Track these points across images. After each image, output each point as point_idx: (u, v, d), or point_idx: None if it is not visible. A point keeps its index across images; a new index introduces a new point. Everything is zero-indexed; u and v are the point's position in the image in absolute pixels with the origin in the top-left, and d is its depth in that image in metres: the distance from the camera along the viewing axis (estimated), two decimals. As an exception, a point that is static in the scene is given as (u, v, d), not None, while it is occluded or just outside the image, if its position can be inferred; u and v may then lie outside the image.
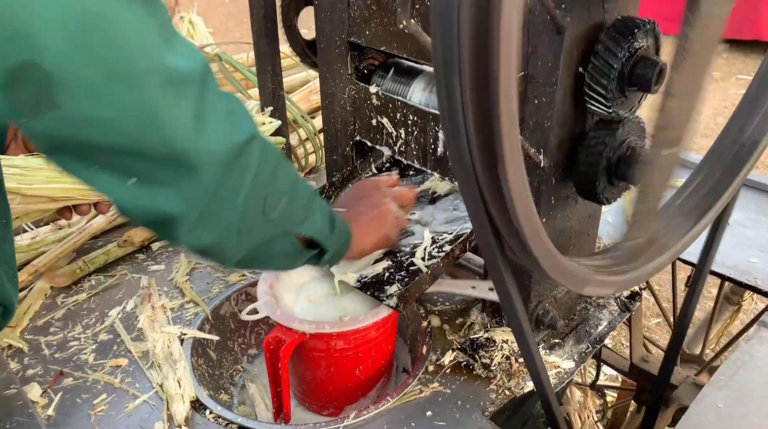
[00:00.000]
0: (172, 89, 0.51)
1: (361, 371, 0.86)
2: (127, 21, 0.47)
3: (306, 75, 1.50)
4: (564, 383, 0.86)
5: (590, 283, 0.61)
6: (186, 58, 0.52)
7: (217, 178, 0.55)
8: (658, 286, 2.57)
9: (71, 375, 0.87)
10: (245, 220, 0.60)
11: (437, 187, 1.02)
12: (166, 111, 0.50)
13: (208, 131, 0.54)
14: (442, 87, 0.45)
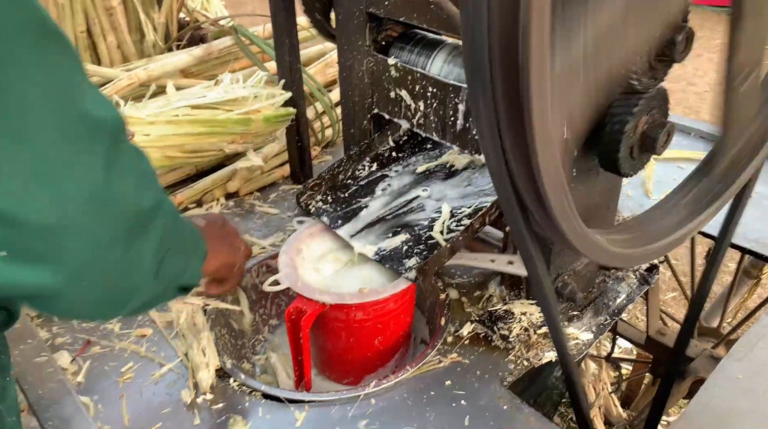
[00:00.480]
0: (79, 140, 0.45)
1: (380, 342, 0.88)
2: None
3: (322, 47, 1.49)
4: (582, 354, 0.87)
5: (610, 254, 0.61)
6: (100, 108, 0.47)
7: (108, 254, 0.50)
8: (675, 259, 2.55)
9: (98, 344, 0.89)
10: (137, 287, 0.56)
11: (455, 161, 1.02)
12: (63, 172, 0.44)
13: (107, 202, 0.48)
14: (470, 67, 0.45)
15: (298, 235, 0.93)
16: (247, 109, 1.12)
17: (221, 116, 1.10)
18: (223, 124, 1.10)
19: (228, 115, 1.11)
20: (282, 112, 1.17)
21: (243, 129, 1.12)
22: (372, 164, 1.03)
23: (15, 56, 0.41)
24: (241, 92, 1.14)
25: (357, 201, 0.97)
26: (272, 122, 1.15)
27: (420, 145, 1.06)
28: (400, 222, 0.93)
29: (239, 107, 1.12)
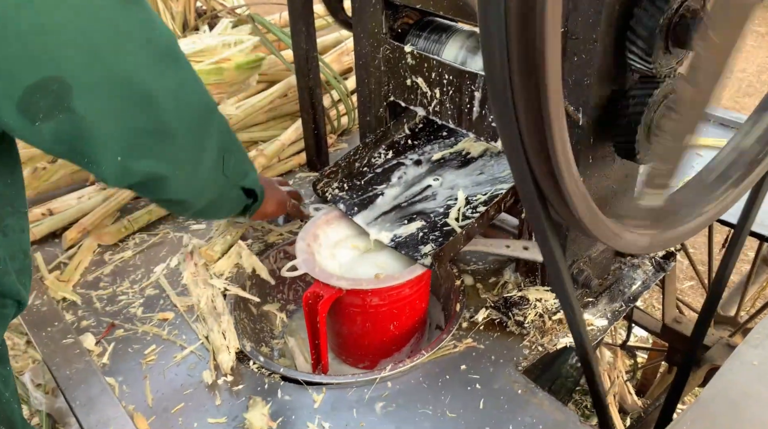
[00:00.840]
0: (161, 67, 0.63)
1: (395, 327, 0.89)
2: (122, 21, 0.59)
3: (338, 35, 1.49)
4: (597, 340, 0.87)
5: (625, 239, 0.61)
6: (163, 33, 0.63)
7: (191, 142, 0.69)
8: (693, 248, 2.53)
9: (122, 327, 0.92)
10: (212, 176, 0.75)
11: (471, 148, 1.02)
12: (156, 92, 0.62)
13: (184, 104, 0.66)
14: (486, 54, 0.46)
15: (315, 222, 0.94)
16: (217, 58, 1.10)
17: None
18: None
19: (199, 66, 1.09)
20: (252, 58, 1.15)
21: (216, 79, 1.12)
22: (388, 152, 1.04)
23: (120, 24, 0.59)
24: (209, 41, 1.13)
25: (373, 188, 0.98)
26: (244, 69, 1.14)
27: (435, 132, 1.06)
28: (415, 209, 0.94)
29: (210, 57, 1.10)
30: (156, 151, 0.66)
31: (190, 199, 0.75)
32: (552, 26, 0.42)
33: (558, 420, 0.74)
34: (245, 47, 1.15)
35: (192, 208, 0.78)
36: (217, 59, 1.11)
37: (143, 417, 0.76)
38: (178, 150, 0.68)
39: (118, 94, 0.60)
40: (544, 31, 0.42)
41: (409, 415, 0.76)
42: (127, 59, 0.59)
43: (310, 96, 1.19)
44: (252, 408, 0.77)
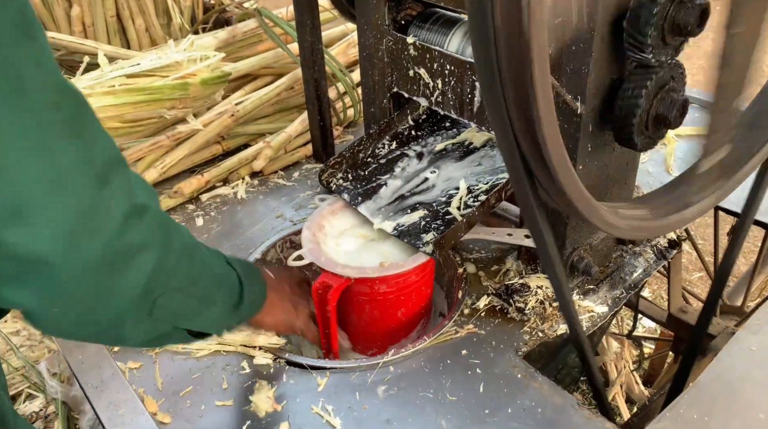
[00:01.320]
0: (59, 179, 0.48)
1: (402, 313, 0.91)
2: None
3: (344, 28, 1.51)
4: (596, 327, 0.88)
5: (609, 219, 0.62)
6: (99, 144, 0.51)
7: (82, 284, 0.51)
8: (702, 240, 2.52)
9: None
10: (123, 322, 0.58)
11: (473, 138, 1.04)
12: (39, 210, 0.47)
13: (81, 239, 0.50)
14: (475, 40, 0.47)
15: (320, 212, 0.96)
16: (183, 74, 1.11)
17: (158, 83, 1.10)
18: (161, 91, 1.10)
19: (164, 81, 1.10)
20: (218, 74, 1.16)
21: (181, 94, 1.12)
22: (391, 142, 1.05)
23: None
24: (175, 57, 1.14)
25: (377, 178, 1.00)
26: (210, 85, 1.14)
27: (439, 123, 1.08)
28: (418, 199, 0.95)
29: (175, 72, 1.11)
30: (28, 282, 0.50)
31: (91, 339, 0.63)
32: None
33: (557, 403, 0.76)
34: (211, 63, 1.16)
35: (125, 344, 0.64)
36: (183, 74, 1.12)
37: (153, 399, 0.79)
38: (60, 290, 0.51)
39: None
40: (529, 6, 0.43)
41: (411, 398, 0.77)
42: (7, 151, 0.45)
43: (315, 88, 1.20)
44: (258, 391, 0.79)
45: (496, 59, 0.47)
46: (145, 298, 0.57)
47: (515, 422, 0.73)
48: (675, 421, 0.71)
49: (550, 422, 0.73)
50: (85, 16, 1.43)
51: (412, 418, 0.75)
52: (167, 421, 0.76)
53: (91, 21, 1.44)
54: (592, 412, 0.74)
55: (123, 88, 1.08)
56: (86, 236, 0.50)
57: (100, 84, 1.08)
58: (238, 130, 1.32)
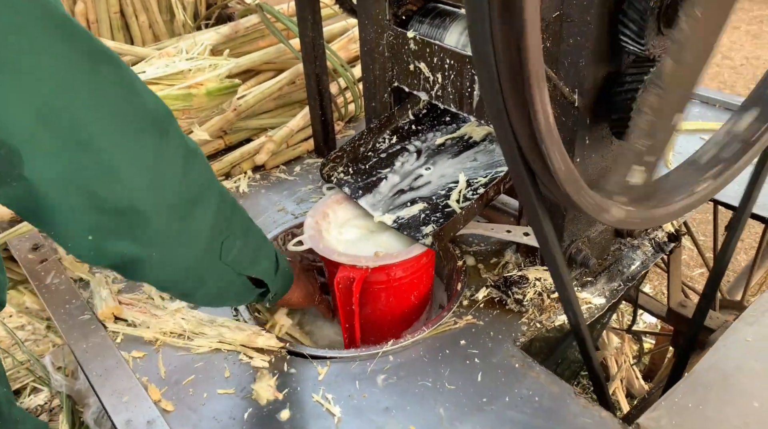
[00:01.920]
0: (134, 137, 0.57)
1: (415, 296, 0.92)
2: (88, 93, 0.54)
3: (345, 24, 1.52)
4: (594, 318, 0.89)
5: (611, 211, 0.63)
6: (148, 101, 0.59)
7: (169, 225, 0.62)
8: (704, 236, 2.53)
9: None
10: (203, 263, 0.68)
11: (473, 132, 1.05)
12: (125, 166, 0.56)
13: (161, 182, 0.59)
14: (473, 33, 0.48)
15: (325, 201, 0.97)
16: (188, 83, 1.07)
17: (161, 93, 1.06)
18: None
19: (168, 90, 1.06)
20: (227, 84, 1.12)
21: (184, 105, 1.08)
22: (392, 137, 1.06)
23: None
24: (182, 65, 1.09)
25: (377, 172, 1.01)
26: (215, 96, 1.10)
27: (439, 117, 1.09)
28: (417, 194, 0.96)
29: (181, 82, 1.07)
30: (129, 232, 0.60)
31: (178, 286, 0.70)
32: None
33: (554, 392, 0.77)
34: (221, 73, 1.11)
35: (188, 296, 0.73)
36: (189, 84, 1.08)
37: (156, 387, 0.80)
38: (154, 233, 0.61)
39: (76, 164, 0.54)
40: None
41: (410, 387, 0.79)
42: (88, 126, 0.54)
43: (317, 83, 1.21)
44: (259, 380, 0.80)
45: (493, 54, 0.48)
46: (215, 239, 0.67)
47: (513, 410, 0.74)
48: (670, 410, 0.72)
49: (547, 410, 0.74)
50: (89, 12, 1.44)
51: (411, 407, 0.76)
52: (170, 409, 0.78)
53: (95, 17, 1.45)
54: (589, 401, 0.75)
55: None
56: (162, 182, 0.60)
57: None
58: (240, 124, 1.33)
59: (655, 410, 0.72)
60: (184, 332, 0.88)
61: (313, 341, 1.01)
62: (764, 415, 0.70)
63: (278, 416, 0.76)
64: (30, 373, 1.80)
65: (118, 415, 0.75)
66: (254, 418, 0.76)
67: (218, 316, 0.91)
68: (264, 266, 0.78)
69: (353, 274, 0.84)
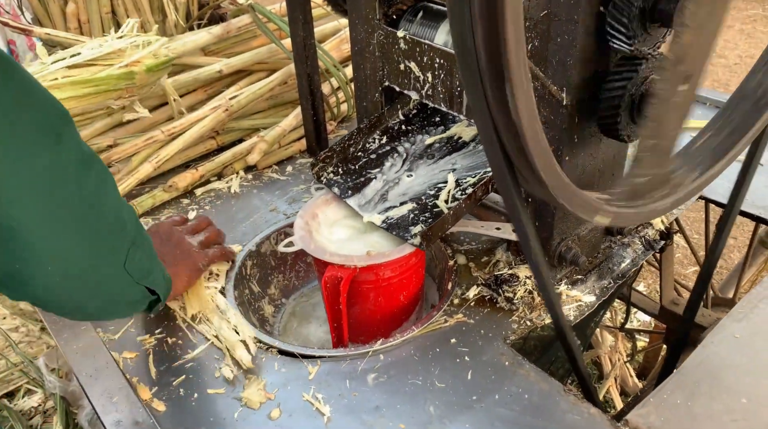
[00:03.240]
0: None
1: (404, 296, 0.92)
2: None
3: (338, 24, 1.52)
4: (584, 315, 0.89)
5: (599, 210, 0.63)
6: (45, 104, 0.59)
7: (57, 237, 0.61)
8: (697, 235, 2.54)
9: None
10: (101, 270, 0.67)
11: (463, 133, 1.05)
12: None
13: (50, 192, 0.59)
14: (453, 22, 0.48)
15: (314, 201, 0.97)
16: (128, 62, 1.06)
17: (102, 74, 1.04)
18: (106, 82, 1.04)
19: (109, 71, 1.04)
20: (163, 60, 1.11)
21: (128, 83, 1.07)
22: (382, 137, 1.06)
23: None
24: (117, 44, 1.08)
25: (367, 172, 1.01)
26: (155, 71, 1.10)
27: (429, 118, 1.09)
28: (407, 194, 0.96)
29: (118, 60, 1.06)
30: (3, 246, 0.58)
31: (73, 296, 0.67)
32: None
33: (543, 389, 0.77)
34: (156, 49, 1.11)
35: (79, 309, 0.70)
36: (128, 62, 1.07)
37: (146, 388, 0.80)
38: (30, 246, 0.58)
39: None
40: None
41: (400, 385, 0.79)
42: None
43: (308, 83, 1.21)
44: (249, 378, 0.80)
45: (474, 50, 0.48)
46: (121, 245, 0.68)
47: (502, 408, 0.75)
48: (658, 406, 0.72)
49: (536, 407, 0.74)
50: (80, 12, 1.44)
51: (401, 405, 0.76)
52: (161, 409, 0.78)
53: (86, 18, 1.45)
54: (579, 398, 0.76)
55: (67, 80, 1.03)
56: (52, 192, 0.58)
57: (43, 78, 1.04)
58: (232, 124, 1.33)
59: (644, 407, 0.72)
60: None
61: (303, 340, 1.01)
62: (752, 411, 0.71)
63: (269, 416, 0.76)
64: (24, 375, 1.80)
65: (108, 416, 0.75)
66: (245, 418, 0.76)
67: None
68: (157, 275, 0.77)
69: (341, 273, 0.84)
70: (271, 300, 1.06)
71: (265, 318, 1.03)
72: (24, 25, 1.35)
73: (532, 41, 0.77)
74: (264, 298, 1.05)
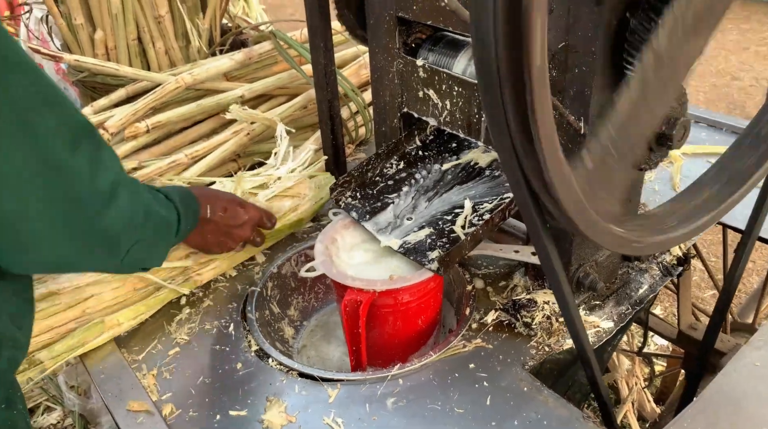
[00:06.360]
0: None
1: (422, 321, 0.93)
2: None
3: (356, 50, 1.55)
4: (602, 341, 0.90)
5: (630, 244, 0.64)
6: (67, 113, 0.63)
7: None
8: (715, 258, 2.51)
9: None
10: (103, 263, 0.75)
11: (479, 159, 1.06)
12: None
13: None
14: (477, 60, 0.50)
15: (333, 226, 0.99)
16: (301, 211, 1.14)
17: (278, 225, 1.09)
18: (279, 232, 1.11)
19: (283, 221, 1.10)
20: (319, 205, 1.18)
21: (289, 231, 1.15)
22: (399, 162, 1.08)
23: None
24: (290, 180, 1.14)
25: (384, 197, 1.03)
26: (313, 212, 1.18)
27: (445, 144, 1.10)
28: (424, 219, 0.97)
29: (290, 194, 1.13)
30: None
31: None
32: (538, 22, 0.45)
33: (562, 416, 0.77)
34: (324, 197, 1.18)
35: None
36: (300, 212, 1.15)
37: (169, 406, 0.82)
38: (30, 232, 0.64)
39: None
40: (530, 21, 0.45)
41: (419, 410, 0.79)
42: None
43: (328, 108, 1.24)
44: (271, 401, 0.82)
45: (498, 84, 0.50)
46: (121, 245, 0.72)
47: (521, 434, 0.75)
48: (679, 435, 0.72)
49: (555, 435, 0.75)
50: (108, 39, 1.48)
51: (421, 430, 0.77)
52: (183, 430, 0.79)
53: (113, 44, 1.49)
54: (597, 425, 0.76)
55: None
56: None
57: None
58: (253, 148, 1.36)
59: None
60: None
61: (321, 361, 1.02)
62: (774, 442, 0.70)
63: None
64: (44, 392, 1.82)
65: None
66: (265, 440, 0.77)
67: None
68: (158, 253, 0.83)
69: (360, 297, 0.86)
70: (290, 321, 1.08)
71: (284, 339, 1.04)
72: (53, 52, 1.39)
73: (550, 72, 0.79)
74: (284, 319, 1.07)
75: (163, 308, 0.99)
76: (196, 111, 1.32)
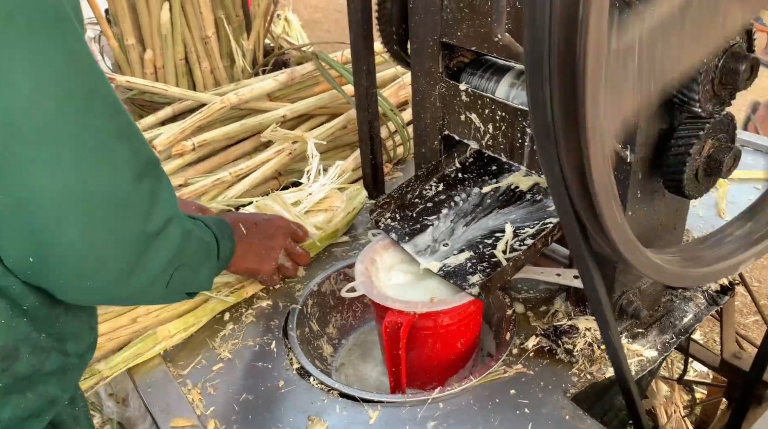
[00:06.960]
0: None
1: (462, 343, 0.93)
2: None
3: (395, 71, 1.57)
4: (645, 371, 0.88)
5: (669, 274, 0.64)
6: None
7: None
8: (758, 282, 2.44)
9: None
10: (149, 292, 0.72)
11: (520, 182, 1.06)
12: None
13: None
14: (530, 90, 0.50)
15: (372, 246, 1.00)
16: (334, 223, 1.17)
17: (315, 238, 1.13)
18: (315, 246, 1.15)
19: (316, 237, 1.14)
20: (352, 216, 1.21)
21: (326, 243, 1.18)
22: (439, 184, 1.09)
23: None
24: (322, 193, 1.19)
25: (424, 219, 1.03)
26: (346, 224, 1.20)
27: (485, 166, 1.11)
28: (464, 242, 0.97)
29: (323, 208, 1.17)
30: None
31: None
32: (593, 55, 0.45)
33: (605, 447, 0.76)
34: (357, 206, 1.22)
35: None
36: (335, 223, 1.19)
37: (213, 422, 0.83)
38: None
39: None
40: (585, 59, 0.45)
41: (459, 435, 0.79)
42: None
43: (369, 129, 1.26)
44: (312, 421, 0.83)
45: (551, 114, 0.51)
46: (165, 273, 0.72)
47: (563, 464, 0.74)
48: (728, 472, 0.70)
49: (598, 466, 0.74)
50: (156, 59, 1.54)
51: (461, 455, 0.77)
52: (227, 446, 0.81)
53: (162, 63, 1.55)
54: (642, 458, 0.74)
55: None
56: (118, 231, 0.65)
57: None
58: (294, 166, 1.39)
59: (712, 471, 0.70)
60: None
61: (359, 381, 1.03)
62: (829, 483, 0.68)
63: (330, 459, 0.78)
64: (84, 399, 1.87)
65: (179, 451, 0.79)
66: (307, 460, 0.78)
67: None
68: (201, 278, 0.84)
69: (401, 319, 0.86)
70: (329, 339, 1.09)
71: (323, 357, 1.05)
72: (105, 72, 1.45)
73: (597, 100, 0.79)
74: (323, 336, 1.08)
75: (207, 324, 1.02)
76: (240, 130, 1.35)
